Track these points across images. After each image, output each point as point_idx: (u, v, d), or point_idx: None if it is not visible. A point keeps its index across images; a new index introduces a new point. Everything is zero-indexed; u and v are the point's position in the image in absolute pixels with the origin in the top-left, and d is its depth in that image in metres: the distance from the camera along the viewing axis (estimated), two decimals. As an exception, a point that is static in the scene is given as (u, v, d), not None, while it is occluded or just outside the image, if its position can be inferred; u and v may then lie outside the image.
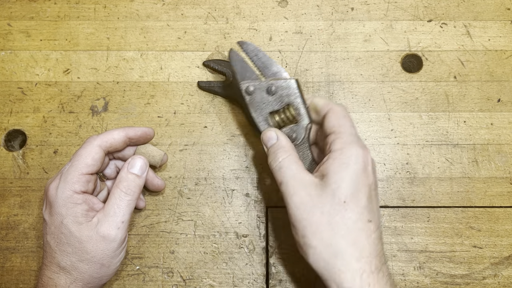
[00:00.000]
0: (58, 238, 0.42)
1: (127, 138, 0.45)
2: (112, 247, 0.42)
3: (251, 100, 0.45)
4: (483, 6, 0.57)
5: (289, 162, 0.41)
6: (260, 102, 0.45)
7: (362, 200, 0.38)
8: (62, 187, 0.42)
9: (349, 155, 0.39)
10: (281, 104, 0.44)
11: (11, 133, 0.53)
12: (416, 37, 0.56)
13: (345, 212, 0.37)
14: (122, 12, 0.57)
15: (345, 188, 0.38)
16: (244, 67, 0.45)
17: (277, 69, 0.45)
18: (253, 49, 0.46)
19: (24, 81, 0.55)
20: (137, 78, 0.55)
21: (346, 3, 0.57)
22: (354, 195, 0.38)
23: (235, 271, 0.50)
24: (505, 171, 0.52)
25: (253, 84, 0.45)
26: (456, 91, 0.55)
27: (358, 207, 0.38)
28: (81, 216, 0.42)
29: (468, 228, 0.51)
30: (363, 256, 0.37)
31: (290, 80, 0.44)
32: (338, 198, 0.37)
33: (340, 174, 0.38)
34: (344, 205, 0.37)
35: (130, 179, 0.44)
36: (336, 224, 0.37)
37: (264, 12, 0.57)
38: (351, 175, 0.38)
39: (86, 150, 0.43)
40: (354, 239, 0.37)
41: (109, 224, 0.42)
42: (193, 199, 0.52)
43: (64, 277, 0.42)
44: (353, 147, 0.39)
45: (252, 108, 0.45)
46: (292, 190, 0.39)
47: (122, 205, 0.43)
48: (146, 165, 0.45)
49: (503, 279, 0.49)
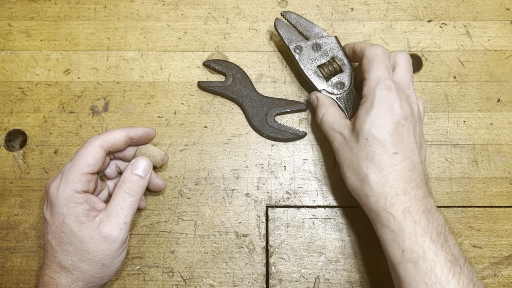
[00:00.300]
0: (59, 237, 0.42)
1: (128, 138, 0.45)
2: (113, 247, 0.42)
3: (300, 57, 0.52)
4: (483, 6, 0.57)
5: (328, 114, 0.48)
6: (308, 58, 0.52)
7: (384, 136, 0.43)
8: (63, 187, 0.42)
9: (372, 98, 0.44)
10: (327, 57, 0.52)
11: (11, 133, 0.53)
12: (416, 37, 0.56)
13: (368, 147, 0.43)
14: (123, 12, 0.57)
15: (366, 127, 0.43)
16: (290, 32, 0.53)
17: (318, 30, 0.52)
18: (295, 17, 0.53)
19: (24, 81, 0.55)
20: (137, 78, 0.55)
21: (346, 3, 0.57)
22: (376, 131, 0.43)
23: (235, 271, 0.50)
24: (505, 171, 0.52)
25: (300, 45, 0.52)
26: (456, 91, 0.55)
27: (380, 142, 0.43)
28: (83, 216, 0.42)
29: (467, 228, 0.51)
30: (388, 182, 0.42)
31: (331, 37, 0.52)
32: (361, 136, 0.43)
33: (363, 118, 0.44)
34: (367, 142, 0.43)
35: (134, 180, 0.44)
36: (362, 158, 0.43)
37: (264, 12, 0.57)
38: (372, 117, 0.43)
39: (87, 150, 0.43)
40: (379, 169, 0.42)
41: (112, 224, 0.42)
42: (193, 199, 0.52)
43: (65, 276, 0.42)
44: (377, 91, 0.44)
45: (302, 65, 0.52)
46: (332, 136, 0.47)
47: (125, 206, 0.43)
48: (150, 167, 0.45)
49: (502, 279, 0.50)
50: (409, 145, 0.43)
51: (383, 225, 0.42)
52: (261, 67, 0.55)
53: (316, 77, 0.51)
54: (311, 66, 0.52)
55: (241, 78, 0.54)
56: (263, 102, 0.53)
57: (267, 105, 0.53)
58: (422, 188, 0.42)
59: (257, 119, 0.53)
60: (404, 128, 0.43)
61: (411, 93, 0.46)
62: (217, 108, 0.54)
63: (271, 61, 0.56)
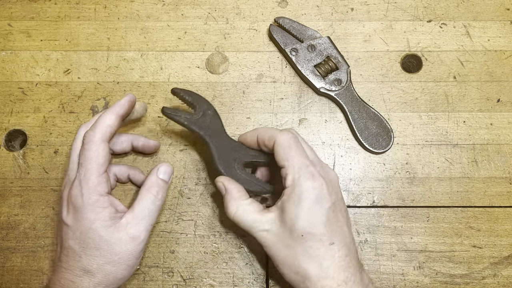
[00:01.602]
0: (84, 243, 0.42)
1: (120, 118, 0.45)
2: (139, 248, 0.43)
3: (297, 59, 0.54)
4: (483, 7, 0.57)
5: (241, 213, 0.43)
6: (304, 59, 0.54)
7: (319, 229, 0.40)
8: (87, 193, 0.42)
9: (299, 191, 0.41)
10: (322, 57, 0.54)
11: (11, 133, 0.53)
12: (416, 37, 0.56)
13: (305, 243, 0.40)
14: (123, 12, 0.57)
15: (300, 224, 0.40)
16: (285, 36, 0.55)
17: (311, 32, 0.55)
18: (288, 21, 0.55)
19: (24, 81, 0.55)
20: (138, 78, 0.55)
21: (346, 4, 0.57)
22: (311, 227, 0.40)
23: (235, 271, 0.50)
24: (505, 171, 0.52)
25: (295, 47, 0.54)
26: (456, 91, 0.55)
27: (316, 236, 0.40)
28: (109, 219, 0.42)
29: (467, 228, 0.51)
30: (328, 275, 0.40)
31: (324, 37, 0.54)
32: (296, 233, 0.40)
33: (294, 211, 0.40)
34: (302, 238, 0.40)
35: (161, 185, 0.45)
36: (299, 255, 0.41)
37: (264, 12, 0.57)
38: (304, 210, 0.40)
39: (93, 151, 0.43)
40: (318, 263, 0.40)
41: (140, 226, 0.43)
42: (193, 199, 0.52)
43: (87, 280, 0.42)
44: (302, 182, 0.41)
45: (299, 65, 0.54)
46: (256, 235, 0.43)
47: (153, 209, 0.44)
48: (172, 171, 0.47)
49: (502, 279, 0.50)
50: (341, 228, 0.42)
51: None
52: (261, 67, 0.55)
53: (314, 76, 0.53)
54: (308, 66, 0.54)
55: (212, 116, 0.47)
56: (233, 145, 0.47)
57: (237, 150, 0.46)
58: (358, 269, 0.42)
59: (223, 162, 0.46)
60: (334, 214, 0.41)
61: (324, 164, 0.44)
62: (217, 108, 0.54)
63: (271, 61, 0.56)
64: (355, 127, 0.53)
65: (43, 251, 0.50)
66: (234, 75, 0.55)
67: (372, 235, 0.51)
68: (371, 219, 0.51)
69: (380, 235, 0.51)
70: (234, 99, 0.54)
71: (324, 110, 0.54)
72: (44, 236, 0.51)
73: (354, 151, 0.53)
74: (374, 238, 0.51)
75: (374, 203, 0.52)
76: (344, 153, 0.53)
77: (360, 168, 0.53)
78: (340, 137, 0.54)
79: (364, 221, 0.51)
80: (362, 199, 0.52)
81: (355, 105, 0.53)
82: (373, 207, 0.52)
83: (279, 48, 0.55)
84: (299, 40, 0.55)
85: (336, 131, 0.54)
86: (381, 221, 0.51)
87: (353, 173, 0.53)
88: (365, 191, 0.52)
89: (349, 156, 0.53)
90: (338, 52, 0.54)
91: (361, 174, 0.53)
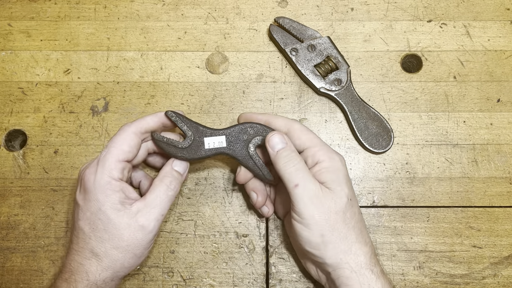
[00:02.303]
0: (94, 224, 0.42)
1: (161, 124, 0.45)
2: (148, 238, 0.43)
3: (297, 59, 0.54)
4: (483, 6, 0.57)
5: (304, 166, 0.43)
6: (304, 59, 0.54)
7: (355, 196, 0.45)
8: (101, 173, 0.42)
9: (336, 161, 0.44)
10: (322, 57, 0.54)
11: (11, 133, 0.53)
12: (416, 37, 0.56)
13: (351, 208, 0.43)
14: (123, 12, 0.57)
15: (347, 189, 0.43)
16: (285, 36, 0.55)
17: (311, 32, 0.55)
18: (288, 21, 0.55)
19: (24, 81, 0.55)
20: (138, 78, 0.55)
21: (346, 3, 0.57)
22: (353, 193, 0.44)
23: (235, 271, 0.50)
24: (505, 171, 0.52)
25: (295, 47, 0.54)
26: (456, 91, 0.55)
27: (356, 202, 0.45)
28: (119, 204, 0.42)
29: (467, 228, 0.51)
30: (367, 241, 0.44)
31: (324, 37, 0.54)
32: (346, 197, 0.43)
33: (339, 179, 0.43)
34: (350, 202, 0.43)
35: (175, 176, 0.44)
36: (348, 219, 0.43)
37: (264, 12, 0.57)
38: (345, 177, 0.44)
39: (121, 137, 0.43)
40: (360, 228, 0.43)
41: (150, 215, 0.42)
42: (193, 199, 0.52)
43: (95, 263, 0.42)
44: (335, 154, 0.44)
45: (299, 65, 0.54)
46: (310, 193, 0.42)
47: (165, 199, 0.43)
48: (188, 165, 0.46)
49: (502, 278, 0.50)
50: None
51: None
52: (261, 67, 0.55)
53: (314, 76, 0.53)
54: (308, 66, 0.54)
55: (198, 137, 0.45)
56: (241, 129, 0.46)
57: (247, 131, 0.46)
58: None
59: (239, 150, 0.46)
60: None
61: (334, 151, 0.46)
62: (217, 108, 0.54)
63: (271, 61, 0.56)
64: (355, 127, 0.53)
65: (43, 251, 0.50)
66: (234, 75, 0.55)
67: (372, 235, 0.51)
68: (371, 219, 0.51)
69: (380, 235, 0.51)
70: (234, 99, 0.54)
71: (324, 110, 0.54)
72: (44, 236, 0.51)
73: (354, 151, 0.53)
74: (374, 238, 0.51)
75: (374, 203, 0.52)
76: (344, 153, 0.53)
77: (360, 168, 0.53)
78: (340, 137, 0.54)
79: (364, 221, 0.51)
80: (362, 199, 0.52)
81: (355, 105, 0.53)
82: (373, 207, 0.52)
83: (279, 48, 0.55)
84: (299, 40, 0.55)
85: (336, 131, 0.54)
86: (381, 221, 0.51)
87: (353, 173, 0.53)
88: (365, 191, 0.52)
89: (349, 156, 0.53)
90: (338, 52, 0.54)
91: (361, 174, 0.53)
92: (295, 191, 0.42)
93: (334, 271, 0.42)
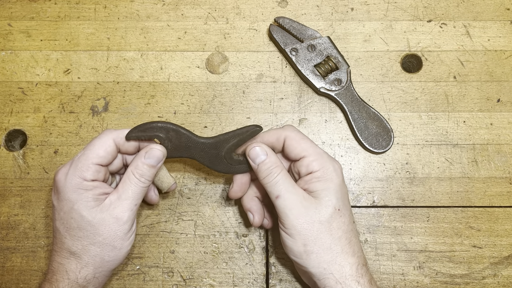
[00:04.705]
0: (67, 223, 0.42)
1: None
2: (124, 228, 0.43)
3: (297, 59, 0.54)
4: (483, 6, 0.57)
5: (285, 177, 0.43)
6: (304, 59, 0.54)
7: (348, 205, 0.44)
8: (72, 174, 0.42)
9: (330, 171, 0.43)
10: (322, 57, 0.54)
11: (11, 133, 0.53)
12: (416, 37, 0.56)
13: (339, 218, 0.42)
14: (123, 12, 0.57)
15: (335, 199, 0.43)
16: (285, 36, 0.55)
17: (311, 32, 0.55)
18: (288, 21, 0.55)
19: (24, 81, 0.55)
20: (138, 78, 0.55)
21: (346, 3, 0.57)
22: (344, 203, 0.43)
23: (235, 271, 0.50)
24: (505, 171, 0.52)
25: (295, 47, 0.54)
26: (456, 91, 0.55)
27: (347, 211, 0.44)
28: (92, 201, 0.42)
29: (467, 228, 0.51)
30: (355, 252, 0.43)
31: (324, 37, 0.55)
32: (332, 207, 0.42)
33: (329, 189, 0.43)
34: (338, 212, 0.42)
35: (146, 169, 0.44)
36: (334, 229, 0.42)
37: (264, 12, 0.57)
38: (336, 187, 0.43)
39: (100, 141, 0.43)
40: (348, 239, 0.43)
41: (123, 206, 0.42)
42: (193, 199, 0.52)
43: (74, 262, 0.42)
44: (329, 163, 0.44)
45: (299, 65, 0.54)
46: (290, 203, 0.42)
47: (137, 190, 0.43)
48: (163, 156, 0.45)
49: (502, 278, 0.50)
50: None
51: None
52: (261, 67, 0.55)
53: (314, 76, 0.53)
54: (308, 66, 0.54)
55: (176, 135, 0.45)
56: (213, 144, 0.45)
57: (218, 145, 0.45)
58: None
59: (218, 164, 0.46)
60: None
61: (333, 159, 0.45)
62: (217, 108, 0.54)
63: (271, 61, 0.56)
64: (355, 127, 0.53)
65: (43, 251, 0.50)
66: (234, 75, 0.55)
67: (372, 235, 0.51)
68: (371, 219, 0.51)
69: (380, 235, 0.51)
70: (234, 99, 0.54)
71: (324, 110, 0.54)
72: (44, 236, 0.51)
73: (354, 151, 0.53)
74: (374, 238, 0.51)
75: (374, 203, 0.52)
76: (344, 153, 0.53)
77: (360, 168, 0.53)
78: (340, 137, 0.54)
79: (364, 221, 0.51)
80: (362, 199, 0.52)
81: (355, 105, 0.53)
82: (373, 207, 0.52)
83: (279, 48, 0.55)
84: (299, 40, 0.55)
85: (336, 131, 0.54)
86: (381, 221, 0.51)
87: (353, 173, 0.53)
88: (365, 191, 0.52)
89: (349, 156, 0.53)
90: (338, 52, 0.54)
91: (361, 174, 0.53)
92: (277, 202, 0.43)
93: (319, 280, 0.42)
